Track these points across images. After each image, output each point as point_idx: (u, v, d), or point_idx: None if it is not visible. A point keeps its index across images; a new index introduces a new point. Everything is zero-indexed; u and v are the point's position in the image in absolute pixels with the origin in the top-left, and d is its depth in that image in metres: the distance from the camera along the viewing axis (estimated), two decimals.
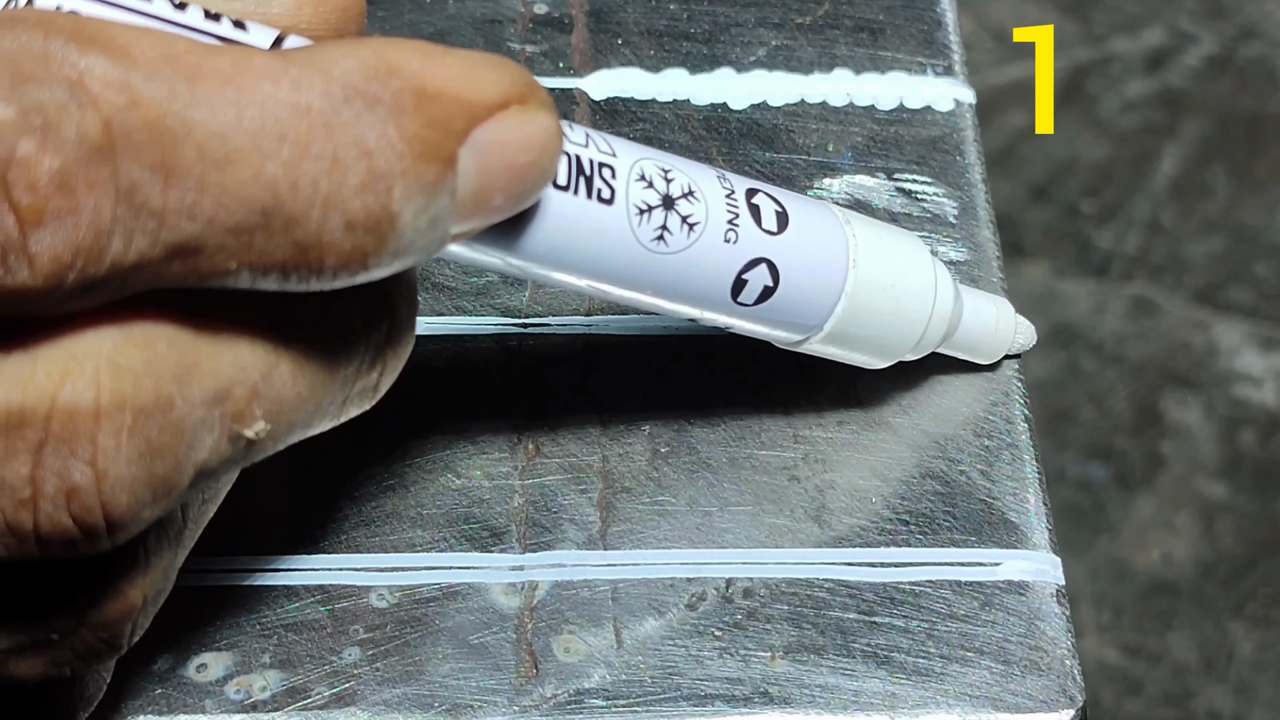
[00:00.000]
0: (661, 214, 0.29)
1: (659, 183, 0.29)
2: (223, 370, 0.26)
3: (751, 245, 0.31)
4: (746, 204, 0.31)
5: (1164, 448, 1.15)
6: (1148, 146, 1.30)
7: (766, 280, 0.31)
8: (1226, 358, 1.19)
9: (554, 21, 0.44)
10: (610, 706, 0.33)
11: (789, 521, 0.35)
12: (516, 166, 0.26)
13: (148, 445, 0.25)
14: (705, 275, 0.31)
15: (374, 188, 0.25)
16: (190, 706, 0.32)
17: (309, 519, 0.35)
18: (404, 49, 0.26)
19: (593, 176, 0.28)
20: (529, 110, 0.26)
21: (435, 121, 0.25)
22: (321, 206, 0.25)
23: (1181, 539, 1.11)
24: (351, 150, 0.25)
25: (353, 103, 0.25)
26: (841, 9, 0.44)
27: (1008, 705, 0.33)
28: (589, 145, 0.29)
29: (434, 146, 0.25)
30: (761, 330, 0.33)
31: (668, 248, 0.30)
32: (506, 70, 0.26)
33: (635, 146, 0.30)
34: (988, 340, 0.37)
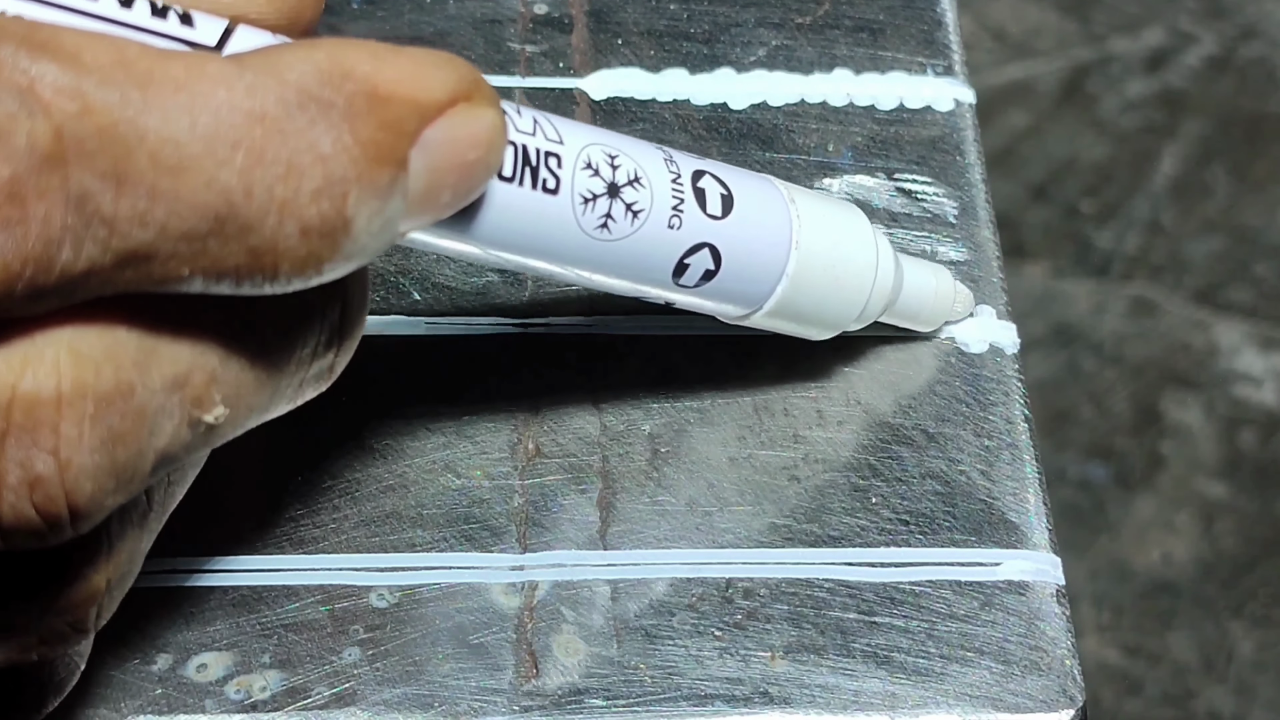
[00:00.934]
0: (606, 202, 0.30)
1: (605, 170, 0.30)
2: (181, 357, 0.26)
3: (695, 230, 0.31)
4: (692, 188, 0.31)
5: (1164, 448, 1.15)
6: (1148, 146, 1.30)
7: (708, 264, 0.32)
8: (1226, 358, 1.19)
9: (554, 21, 0.44)
10: (610, 706, 0.33)
11: (789, 521, 0.35)
12: (465, 164, 0.27)
13: (110, 432, 0.25)
14: (648, 260, 0.31)
15: (329, 193, 0.25)
16: (190, 706, 0.32)
17: (309, 519, 0.35)
18: (356, 51, 0.26)
19: (538, 167, 0.29)
20: (475, 107, 0.27)
21: (388, 124, 0.25)
22: (277, 213, 0.25)
23: (1181, 539, 1.11)
24: (307, 156, 0.25)
25: (307, 108, 0.25)
26: (841, 9, 0.44)
27: (1008, 705, 0.33)
28: (536, 133, 0.29)
29: (387, 150, 0.26)
30: (703, 306, 0.33)
31: (611, 235, 0.30)
32: (454, 68, 0.26)
33: (584, 130, 0.30)
34: (927, 309, 0.37)
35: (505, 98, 0.42)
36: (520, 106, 0.29)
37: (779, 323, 0.34)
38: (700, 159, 0.32)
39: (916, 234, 0.40)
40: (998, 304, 0.39)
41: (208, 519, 0.35)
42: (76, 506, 0.25)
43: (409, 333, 0.38)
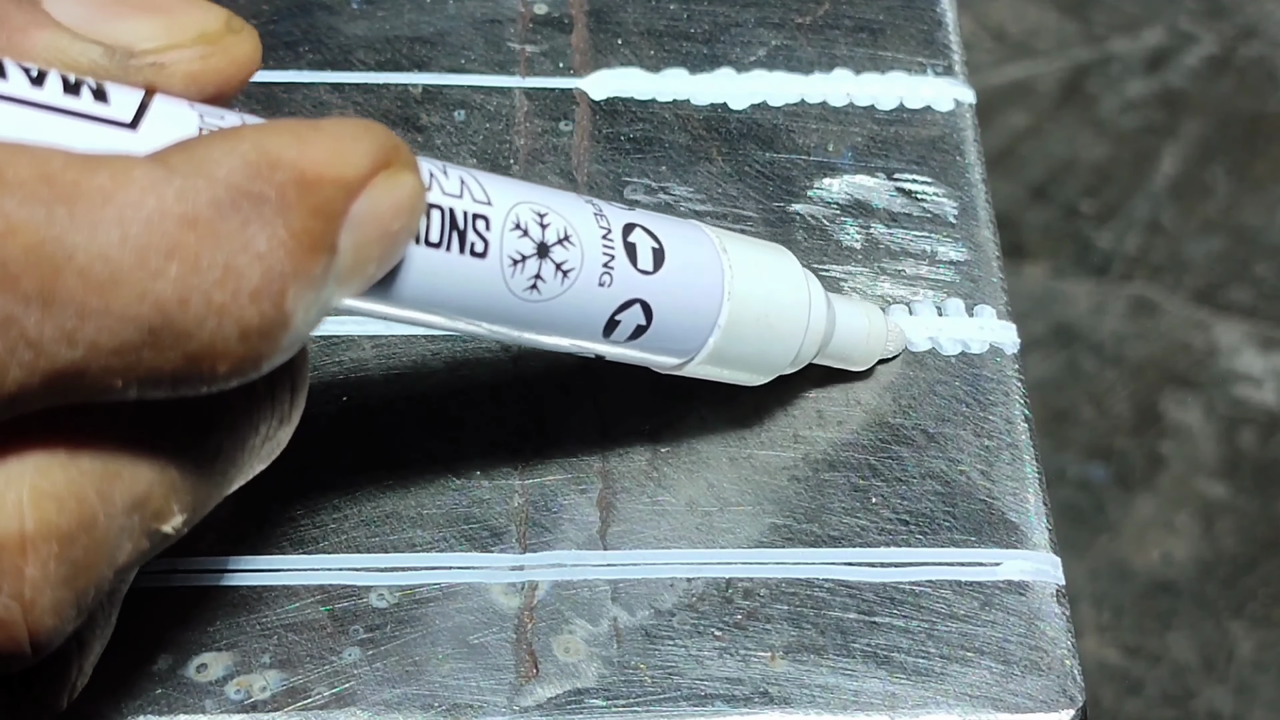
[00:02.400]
0: (535, 263, 0.29)
1: (534, 230, 0.29)
2: (142, 476, 0.26)
3: (626, 287, 0.31)
4: (623, 243, 0.31)
5: (1164, 448, 1.15)
6: (1148, 146, 1.30)
7: (640, 320, 0.31)
8: (1226, 358, 1.19)
9: (554, 21, 0.44)
10: (610, 706, 0.33)
11: (789, 521, 0.35)
12: (389, 234, 0.26)
13: (73, 567, 0.25)
14: (578, 319, 0.31)
15: (268, 292, 0.24)
16: (190, 706, 0.32)
17: (309, 519, 0.35)
18: (279, 136, 0.25)
19: (466, 230, 0.28)
20: (395, 174, 0.26)
21: (319, 210, 0.25)
22: (215, 317, 0.24)
23: (1181, 539, 1.11)
24: (243, 257, 0.24)
25: (240, 206, 0.24)
26: (841, 9, 0.44)
27: (1008, 705, 0.33)
28: (464, 195, 0.28)
29: (320, 237, 0.25)
30: (635, 359, 0.33)
31: (541, 295, 0.30)
32: (372, 136, 0.26)
33: (513, 188, 0.29)
34: (860, 349, 0.37)
35: (505, 98, 0.42)
36: (447, 165, 0.29)
37: (713, 371, 0.34)
38: (630, 210, 0.32)
39: (916, 234, 0.40)
40: (998, 304, 0.39)
41: (208, 519, 0.35)
42: (38, 640, 0.25)
43: (409, 333, 0.38)
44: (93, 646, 0.28)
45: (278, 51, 0.42)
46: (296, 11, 0.43)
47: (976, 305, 0.39)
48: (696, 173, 0.41)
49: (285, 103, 0.41)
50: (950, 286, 0.39)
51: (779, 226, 0.40)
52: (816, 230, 0.40)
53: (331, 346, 0.37)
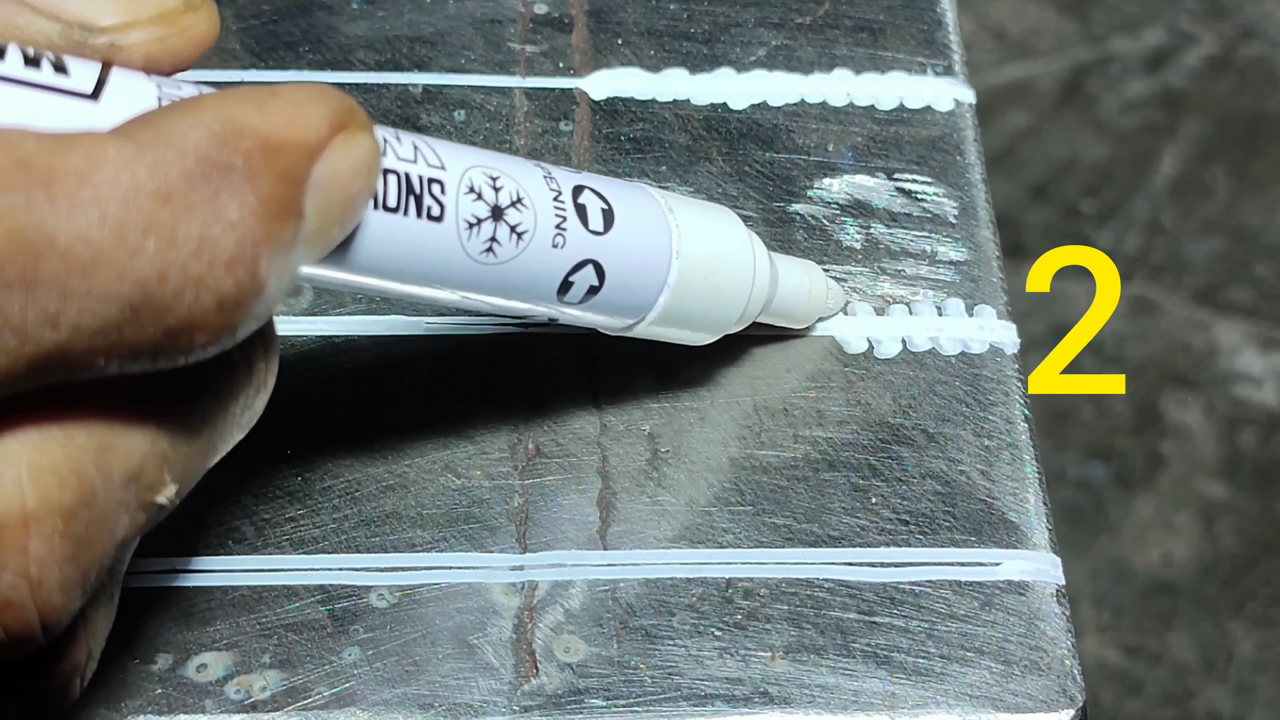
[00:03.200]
0: (490, 226, 0.30)
1: (488, 193, 0.29)
2: (135, 447, 0.26)
3: (578, 248, 0.31)
4: (573, 204, 0.31)
5: (1164, 448, 1.15)
6: (1148, 146, 1.30)
7: (592, 280, 0.32)
8: (1226, 358, 1.19)
9: (554, 21, 0.44)
10: (610, 706, 0.33)
11: (789, 521, 0.35)
12: (350, 195, 0.26)
13: (76, 543, 0.25)
14: (533, 280, 0.31)
15: (242, 260, 0.25)
16: (190, 706, 0.32)
17: (309, 519, 0.35)
18: (241, 103, 0.25)
19: (422, 195, 0.28)
20: (352, 136, 0.26)
21: (285, 175, 0.25)
22: (192, 289, 0.24)
23: (1181, 539, 1.11)
24: (216, 226, 0.24)
25: (210, 177, 0.24)
26: (841, 9, 0.44)
27: (1008, 705, 0.33)
28: (418, 160, 0.29)
29: (288, 202, 0.25)
30: (587, 320, 0.33)
31: (496, 258, 0.30)
32: (328, 99, 0.26)
33: (464, 152, 0.30)
34: (802, 306, 0.37)
35: (505, 98, 0.42)
36: (399, 132, 0.29)
37: (662, 330, 0.34)
38: (577, 173, 0.32)
39: (916, 234, 0.40)
40: (998, 304, 0.39)
41: (208, 519, 0.35)
42: (48, 619, 0.25)
43: (409, 333, 0.38)
44: (99, 626, 0.28)
45: (278, 51, 0.42)
46: (296, 11, 0.43)
47: (976, 305, 0.39)
48: (696, 173, 0.41)
49: None
50: (950, 286, 0.39)
51: (779, 226, 0.40)
52: (816, 230, 0.40)
53: (331, 346, 0.37)
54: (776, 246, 0.40)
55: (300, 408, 0.36)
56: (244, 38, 0.43)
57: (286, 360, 0.37)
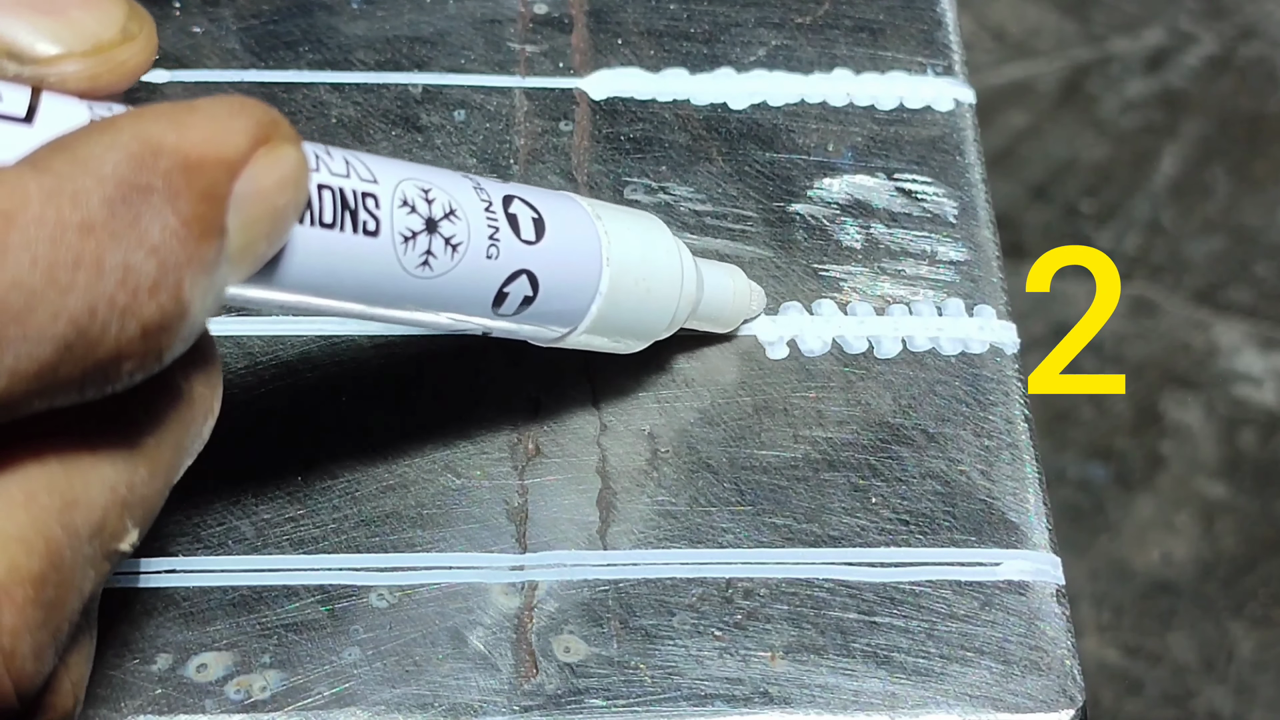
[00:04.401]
0: (426, 239, 0.29)
1: (421, 206, 0.29)
2: (96, 498, 0.25)
3: (512, 258, 0.31)
4: (505, 214, 0.31)
5: (1164, 448, 1.15)
6: (1148, 146, 1.30)
7: (527, 290, 0.31)
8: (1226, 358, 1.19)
9: (554, 21, 0.44)
10: (610, 706, 0.33)
11: (789, 521, 0.35)
12: (276, 209, 0.26)
13: (47, 608, 0.25)
14: (468, 293, 0.31)
15: (165, 284, 0.24)
16: (190, 706, 0.32)
17: (309, 519, 0.35)
18: (157, 121, 0.24)
19: (357, 210, 0.28)
20: (276, 148, 0.26)
21: (206, 193, 0.24)
22: (119, 320, 0.24)
23: (1181, 539, 1.11)
24: (139, 252, 0.24)
25: (130, 200, 0.24)
26: (841, 9, 0.44)
27: (1008, 705, 0.33)
28: (350, 175, 0.28)
29: (210, 221, 0.25)
30: (520, 332, 0.33)
31: (433, 271, 0.29)
32: (249, 111, 0.25)
33: (394, 165, 0.29)
34: (728, 309, 0.37)
35: (505, 98, 0.42)
36: (329, 147, 0.28)
37: (595, 339, 0.34)
38: (505, 183, 0.32)
39: (916, 234, 0.40)
40: (998, 304, 0.39)
41: (208, 519, 0.35)
42: (23, 686, 0.25)
43: (409, 333, 0.38)
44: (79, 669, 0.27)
45: (278, 51, 0.42)
46: (296, 11, 0.43)
47: (976, 305, 0.39)
48: (696, 173, 0.41)
49: (285, 103, 0.41)
50: (950, 286, 0.39)
51: (779, 226, 0.40)
52: (816, 230, 0.40)
53: (331, 346, 0.37)
54: (777, 246, 0.40)
55: (300, 408, 0.36)
56: (244, 38, 0.43)
57: (286, 360, 0.37)
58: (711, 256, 0.39)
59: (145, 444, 0.26)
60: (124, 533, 0.26)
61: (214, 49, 0.42)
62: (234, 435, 0.36)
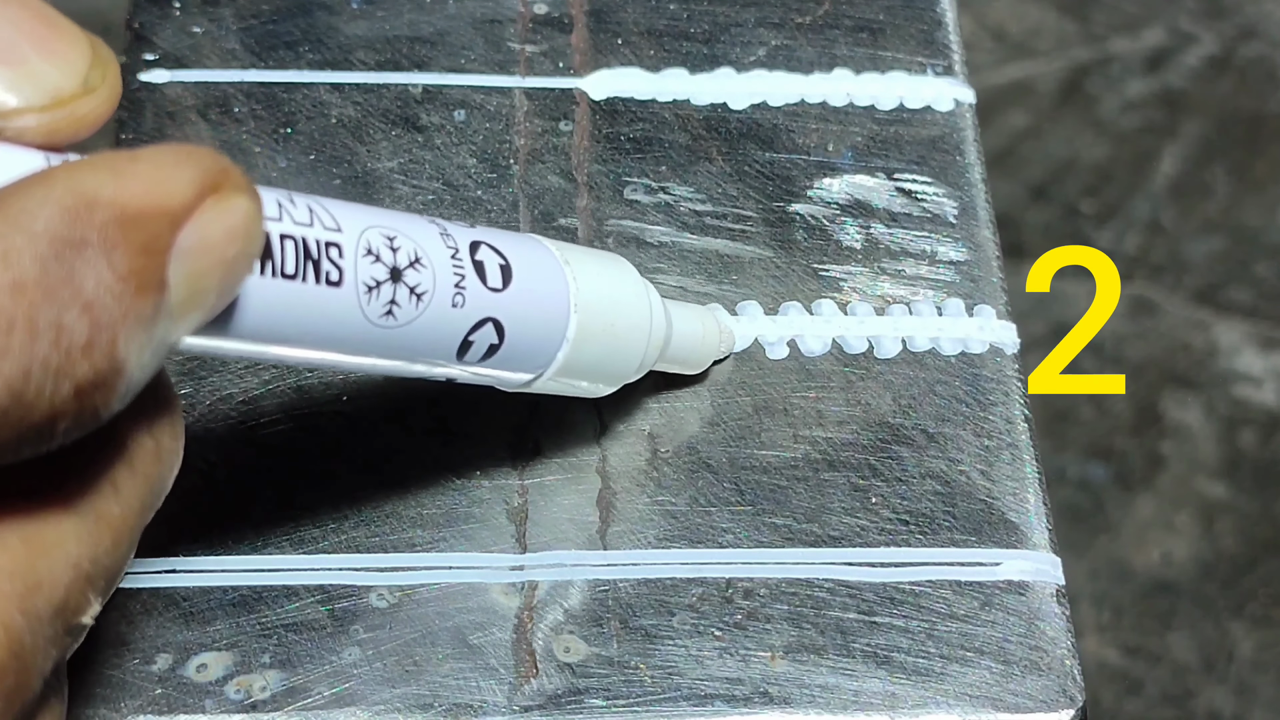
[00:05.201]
0: (390, 288, 0.29)
1: (386, 254, 0.29)
2: (59, 578, 0.25)
3: (478, 306, 0.30)
4: (471, 261, 0.30)
5: (1164, 448, 1.15)
6: (1148, 146, 1.30)
7: (492, 339, 0.31)
8: (1226, 358, 1.19)
9: (554, 21, 0.44)
10: (610, 706, 0.33)
11: (789, 521, 0.35)
12: (225, 261, 0.25)
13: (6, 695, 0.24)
14: (432, 341, 0.30)
15: (98, 343, 0.23)
16: (190, 706, 0.32)
17: (309, 519, 0.35)
18: (94, 173, 0.24)
19: (320, 260, 0.27)
20: (226, 198, 0.25)
21: (144, 247, 0.24)
22: (53, 381, 0.23)
23: (1181, 539, 1.11)
24: (73, 311, 0.23)
25: (64, 257, 0.23)
26: (841, 9, 0.44)
27: (1008, 705, 0.33)
28: (314, 223, 0.28)
29: (148, 275, 0.24)
30: (486, 378, 0.32)
31: (396, 321, 0.29)
32: (195, 160, 0.24)
33: (359, 212, 0.29)
34: (697, 351, 0.37)
35: (505, 98, 0.42)
36: (292, 194, 0.28)
37: (562, 384, 0.34)
38: (472, 227, 0.31)
39: (916, 234, 0.40)
40: (998, 304, 0.39)
41: (208, 519, 0.35)
42: None
43: None
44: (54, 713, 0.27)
45: (278, 51, 0.42)
46: (296, 11, 0.43)
47: (976, 305, 0.39)
48: (696, 173, 0.41)
49: (285, 103, 0.41)
50: (950, 286, 0.39)
51: (779, 226, 0.40)
52: (816, 230, 0.40)
53: None
54: (777, 246, 0.40)
55: (300, 408, 0.36)
56: (244, 38, 0.43)
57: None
58: (711, 256, 0.39)
59: (109, 513, 0.26)
60: (86, 606, 0.25)
61: (214, 49, 0.42)
62: (234, 435, 0.36)
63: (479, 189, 0.40)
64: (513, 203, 0.40)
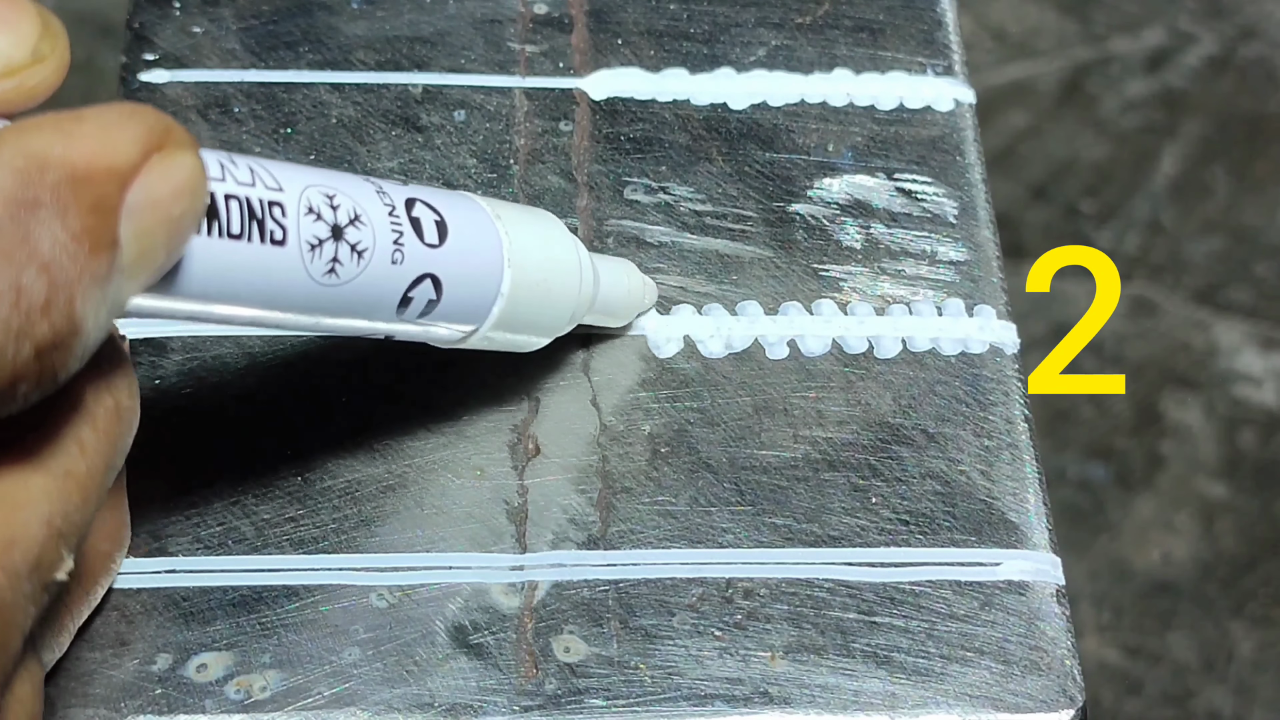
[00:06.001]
0: (332, 246, 0.29)
1: (326, 212, 0.29)
2: (33, 533, 0.25)
3: (416, 262, 0.31)
4: (408, 218, 0.31)
5: (1164, 448, 1.15)
6: (1148, 146, 1.30)
7: (431, 294, 0.31)
8: (1226, 358, 1.19)
9: (554, 21, 0.44)
10: (610, 706, 0.33)
11: (789, 521, 0.35)
12: (172, 218, 0.25)
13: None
14: (374, 298, 0.30)
15: (56, 303, 0.23)
16: (190, 706, 0.32)
17: (309, 519, 0.35)
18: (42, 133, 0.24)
19: (264, 219, 0.28)
20: (170, 155, 0.25)
21: (96, 205, 0.24)
22: (14, 342, 0.23)
23: (1181, 539, 1.11)
24: (31, 271, 0.23)
25: (18, 218, 0.23)
26: (841, 9, 0.44)
27: (1008, 705, 0.33)
28: (256, 183, 0.28)
29: (101, 233, 0.24)
30: (423, 334, 0.33)
31: (339, 279, 0.29)
32: (140, 119, 0.25)
33: (298, 171, 0.29)
34: (623, 304, 0.37)
35: (505, 98, 0.42)
36: (233, 155, 0.28)
37: (496, 338, 0.34)
38: (405, 185, 0.31)
39: (916, 234, 0.40)
40: (998, 304, 0.39)
41: (208, 519, 0.35)
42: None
43: None
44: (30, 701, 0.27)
45: (278, 51, 0.42)
46: (296, 11, 0.43)
47: (976, 305, 0.39)
48: (696, 173, 0.41)
49: (285, 102, 0.41)
50: (950, 286, 0.39)
51: (779, 226, 0.40)
52: (816, 230, 0.40)
53: (331, 346, 0.37)
54: (777, 246, 0.40)
55: (300, 408, 0.36)
56: (244, 38, 0.43)
57: (287, 359, 0.37)
58: (711, 256, 0.39)
59: (76, 470, 0.26)
60: (60, 562, 0.26)
61: (214, 49, 0.42)
62: (234, 435, 0.36)
63: (479, 189, 0.40)
64: (513, 203, 0.40)
